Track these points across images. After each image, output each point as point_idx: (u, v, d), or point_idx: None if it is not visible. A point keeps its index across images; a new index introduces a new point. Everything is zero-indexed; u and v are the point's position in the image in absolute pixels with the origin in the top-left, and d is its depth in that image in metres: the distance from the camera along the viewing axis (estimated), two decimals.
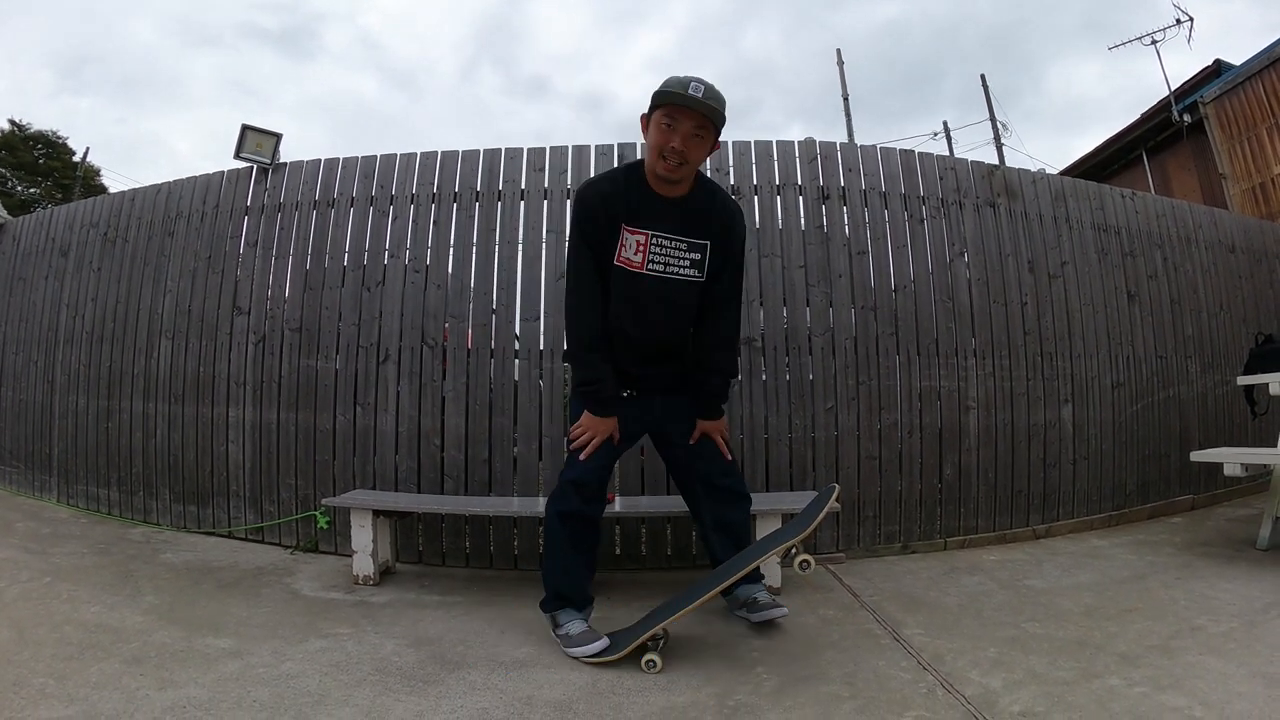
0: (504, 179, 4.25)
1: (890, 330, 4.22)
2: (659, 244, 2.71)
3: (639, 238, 2.69)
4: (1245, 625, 2.74)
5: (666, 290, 2.75)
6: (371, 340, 4.17)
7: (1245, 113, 9.12)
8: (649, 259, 2.71)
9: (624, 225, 2.68)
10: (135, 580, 3.45)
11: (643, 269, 2.71)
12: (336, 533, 4.04)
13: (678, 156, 2.60)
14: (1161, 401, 5.04)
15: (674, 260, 2.74)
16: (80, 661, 2.46)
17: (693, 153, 2.62)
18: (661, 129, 2.59)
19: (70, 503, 5.01)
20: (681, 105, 2.54)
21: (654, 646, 2.53)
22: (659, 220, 2.71)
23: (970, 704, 2.16)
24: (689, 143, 2.59)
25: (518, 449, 4.02)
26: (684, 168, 2.65)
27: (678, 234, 2.73)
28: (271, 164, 4.52)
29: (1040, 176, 4.92)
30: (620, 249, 2.70)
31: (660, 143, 2.60)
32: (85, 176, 26.09)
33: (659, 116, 2.59)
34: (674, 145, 2.58)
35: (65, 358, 5.17)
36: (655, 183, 2.71)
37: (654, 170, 2.67)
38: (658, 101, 2.58)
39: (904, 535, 4.12)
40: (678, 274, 2.75)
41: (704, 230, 2.76)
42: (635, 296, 2.74)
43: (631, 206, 2.69)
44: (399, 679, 2.40)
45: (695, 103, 2.52)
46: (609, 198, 2.70)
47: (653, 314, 2.77)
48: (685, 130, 2.57)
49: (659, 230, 2.71)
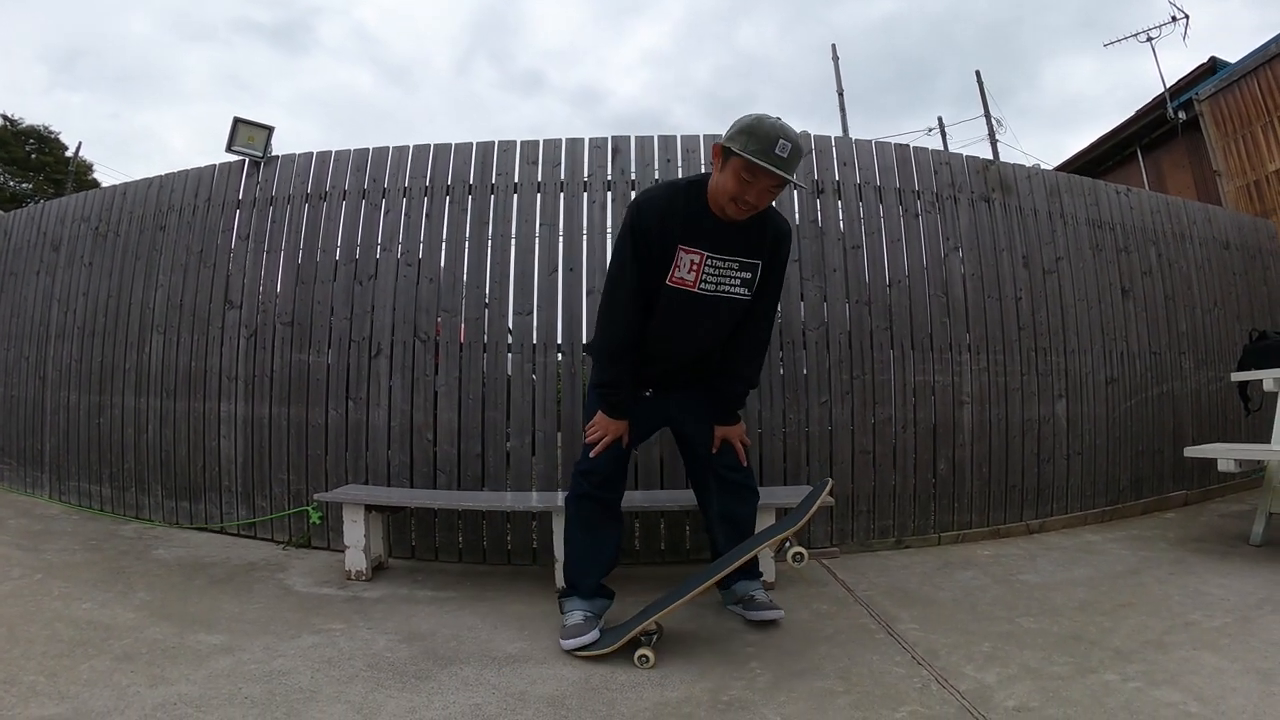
0: (497, 172, 4.23)
1: (884, 325, 4.21)
2: (713, 264, 2.67)
3: (694, 257, 2.64)
4: (1239, 620, 2.74)
5: (716, 309, 2.73)
6: (364, 334, 4.15)
7: (1240, 110, 9.11)
8: (702, 279, 2.67)
9: (680, 245, 2.63)
10: (127, 577, 3.43)
11: (695, 288, 2.67)
12: (329, 528, 4.02)
13: (750, 207, 2.55)
14: (1155, 397, 5.04)
15: (725, 280, 2.70)
16: (71, 659, 2.44)
17: (764, 202, 2.58)
18: (740, 179, 2.49)
19: (62, 499, 4.99)
20: (762, 168, 2.44)
21: (647, 641, 2.52)
22: (714, 240, 2.66)
23: (965, 699, 2.15)
24: (762, 195, 2.54)
25: (510, 443, 4.01)
26: (751, 213, 2.60)
27: (732, 254, 2.68)
28: (263, 157, 4.50)
29: (1035, 172, 4.91)
30: (674, 269, 2.64)
31: (736, 192, 2.52)
32: (78, 172, 25.99)
33: (739, 166, 2.48)
34: (749, 199, 2.53)
35: (57, 353, 5.14)
36: (717, 211, 2.63)
37: (721, 207, 2.59)
38: (742, 148, 2.46)
39: (898, 530, 4.12)
40: (729, 293, 2.72)
41: (757, 250, 2.72)
42: (685, 315, 2.72)
43: (689, 225, 2.64)
44: (391, 675, 2.39)
45: (781, 166, 2.44)
46: (667, 216, 2.63)
47: (700, 331, 2.77)
48: (763, 185, 2.50)
49: (714, 251, 2.66)
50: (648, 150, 4.22)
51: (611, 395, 2.76)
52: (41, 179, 25.61)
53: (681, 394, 2.95)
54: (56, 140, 26.88)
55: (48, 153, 26.34)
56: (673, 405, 2.96)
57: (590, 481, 2.81)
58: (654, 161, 4.18)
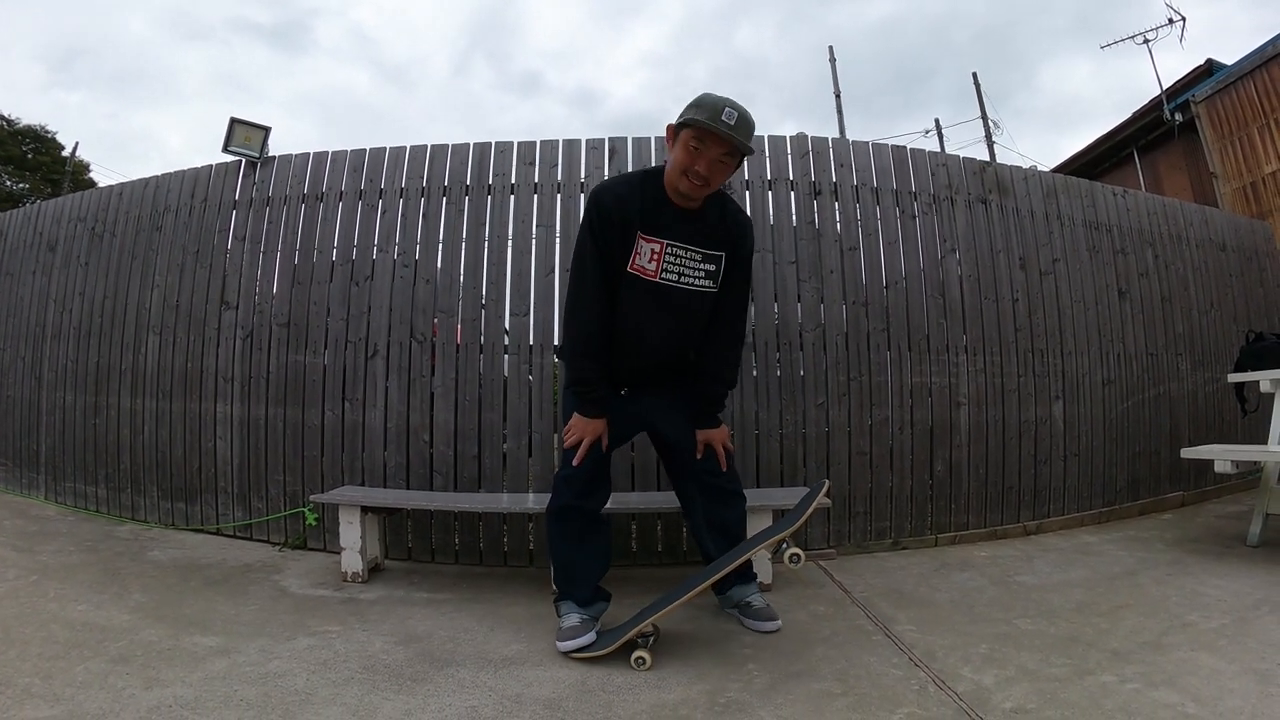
0: (494, 173, 4.23)
1: (881, 326, 4.21)
2: (674, 254, 2.67)
3: (654, 246, 2.65)
4: (1236, 621, 2.74)
5: (680, 300, 2.71)
6: (360, 335, 4.14)
7: (1237, 112, 9.13)
8: (663, 268, 2.66)
9: (640, 233, 2.63)
10: (122, 578, 3.42)
11: (657, 278, 2.67)
12: (325, 529, 4.01)
13: (701, 179, 2.57)
14: (1152, 398, 5.04)
15: (688, 270, 2.70)
16: (66, 660, 2.43)
17: (716, 177, 2.60)
18: (689, 149, 2.54)
19: (58, 500, 4.97)
20: (712, 132, 2.49)
21: (643, 643, 2.52)
22: (674, 230, 2.67)
23: (962, 701, 2.15)
24: (713, 167, 2.56)
25: (507, 444, 4.00)
26: (705, 189, 2.61)
27: (693, 244, 2.69)
28: (260, 158, 4.50)
29: (1032, 173, 4.92)
30: (635, 256, 2.64)
31: (686, 163, 2.56)
32: (75, 171, 25.93)
33: (687, 136, 2.54)
34: (699, 169, 2.55)
35: (52, 353, 5.12)
36: (673, 194, 2.65)
37: (674, 185, 2.62)
38: (688, 120, 2.52)
39: (895, 531, 4.12)
40: (692, 284, 2.71)
41: (719, 242, 2.73)
42: (648, 305, 2.70)
43: (647, 214, 2.64)
44: (387, 677, 2.38)
45: (726, 133, 2.49)
46: (625, 201, 2.64)
47: (665, 323, 2.74)
48: (712, 155, 2.54)
49: (674, 240, 2.67)
50: (644, 151, 4.21)
51: (586, 392, 2.72)
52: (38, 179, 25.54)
53: (656, 396, 2.91)
54: (53, 140, 26.81)
55: (44, 152, 26.26)
56: (646, 406, 2.91)
57: (572, 489, 2.77)
58: (650, 163, 4.17)
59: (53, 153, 26.48)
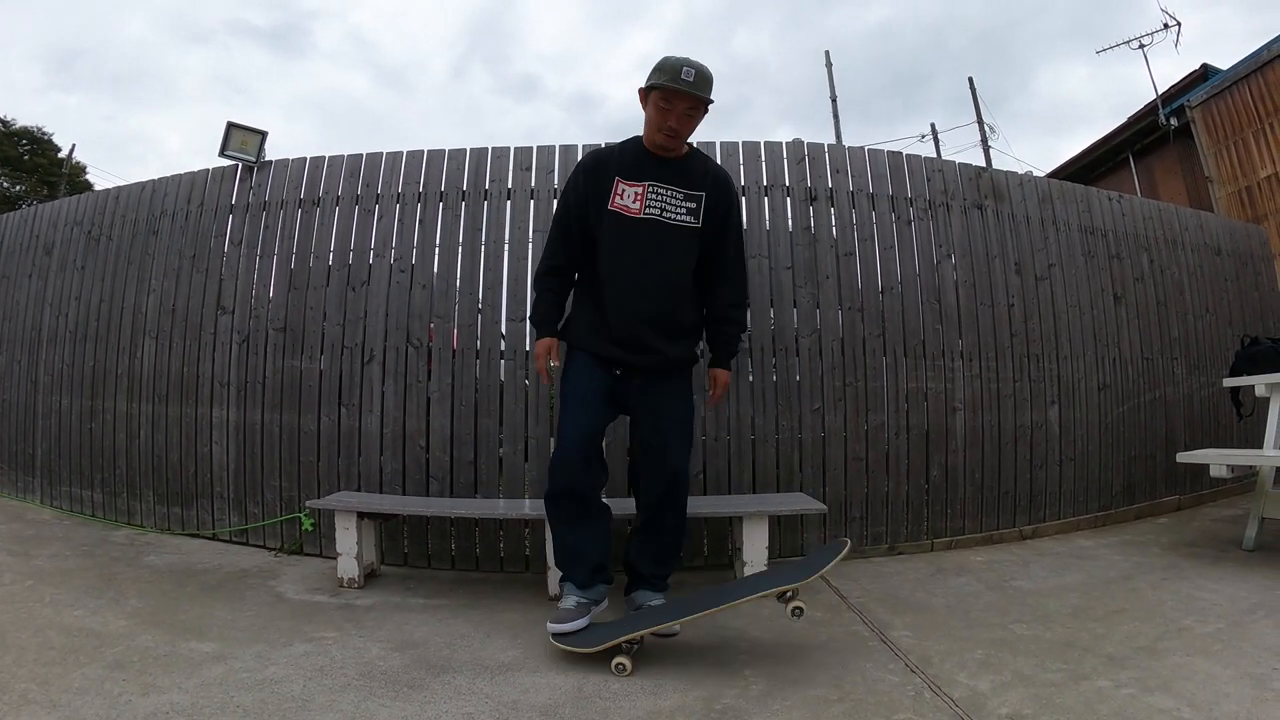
0: (490, 178, 4.23)
1: (877, 331, 4.22)
2: (656, 192, 2.91)
3: (636, 189, 2.91)
4: (1232, 626, 2.75)
5: (664, 235, 2.91)
6: (356, 340, 4.14)
7: (1232, 117, 9.17)
8: (646, 205, 2.90)
9: (619, 179, 2.92)
10: (119, 583, 3.42)
11: (639, 213, 2.89)
12: (321, 535, 4.01)
13: (673, 131, 2.88)
14: (1148, 403, 5.05)
15: (670, 206, 2.92)
16: (63, 666, 2.43)
17: (686, 127, 2.90)
18: (659, 108, 2.85)
19: (54, 504, 4.97)
20: (674, 91, 2.79)
21: (627, 649, 2.52)
22: (656, 174, 2.93)
23: (958, 706, 2.16)
24: (683, 120, 2.86)
25: (503, 450, 4.00)
26: (678, 139, 2.92)
27: (674, 185, 2.94)
28: (257, 162, 4.49)
29: (1028, 179, 4.92)
30: (615, 196, 2.90)
31: (659, 121, 2.87)
32: (71, 173, 25.89)
33: (656, 97, 2.85)
34: (670, 124, 2.85)
35: (49, 357, 5.12)
36: (652, 148, 2.96)
37: (652, 140, 2.94)
38: (654, 84, 2.83)
39: (891, 536, 4.12)
40: (675, 219, 2.92)
41: (698, 183, 2.98)
42: (631, 244, 2.89)
43: (628, 166, 2.95)
44: (384, 684, 2.38)
45: (688, 88, 2.79)
46: (604, 159, 3.02)
47: (650, 260, 2.89)
48: (680, 110, 2.84)
49: (656, 181, 2.92)
50: None
51: (535, 315, 3.07)
52: (35, 180, 25.49)
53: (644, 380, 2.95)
54: (50, 141, 26.73)
55: (41, 154, 26.19)
56: (635, 387, 2.95)
57: (565, 473, 2.85)
58: None
59: (49, 154, 26.42)
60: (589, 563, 2.84)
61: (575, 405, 2.92)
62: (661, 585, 3.00)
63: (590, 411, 2.90)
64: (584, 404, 2.90)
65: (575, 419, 2.89)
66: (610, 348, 2.90)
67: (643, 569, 2.98)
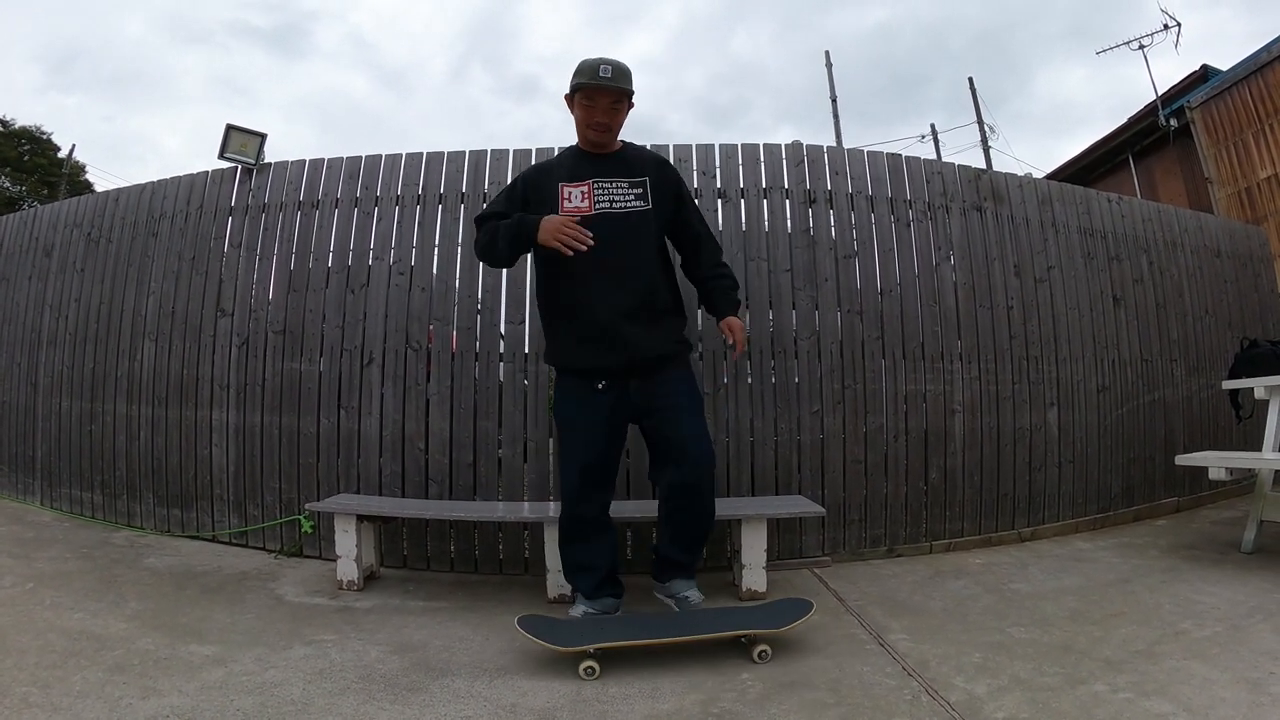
0: (489, 181, 4.23)
1: (876, 334, 4.22)
2: (601, 188, 3.03)
3: (581, 188, 3.02)
4: (1230, 629, 2.76)
5: (621, 225, 2.99)
6: (355, 343, 4.15)
7: (1231, 118, 9.17)
8: (595, 201, 3.00)
9: (563, 184, 3.03)
10: (119, 586, 3.42)
11: (591, 210, 2.98)
12: (321, 537, 4.01)
13: (603, 126, 3.04)
14: (1147, 405, 5.06)
15: (619, 196, 3.03)
16: (63, 669, 2.44)
17: (614, 120, 3.05)
18: (584, 107, 3.01)
19: (54, 506, 4.97)
20: (595, 88, 2.96)
21: (597, 654, 2.53)
22: (597, 171, 3.06)
23: (955, 710, 2.16)
24: (609, 113, 3.02)
25: (502, 452, 4.01)
26: (609, 133, 3.08)
27: (616, 176, 3.06)
28: (256, 164, 4.49)
29: (1027, 181, 4.93)
30: (562, 202, 3.00)
31: (586, 118, 3.03)
32: (71, 173, 25.90)
33: (580, 98, 3.00)
34: (597, 119, 3.02)
35: (48, 359, 5.12)
36: (587, 147, 3.13)
37: (586, 139, 3.10)
38: (576, 85, 2.99)
39: (889, 539, 4.13)
40: (626, 205, 3.03)
41: (639, 169, 3.11)
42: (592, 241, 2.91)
43: (567, 170, 3.08)
44: (383, 687, 2.39)
45: (606, 85, 2.95)
46: (544, 168, 3.20)
47: (613, 252, 2.93)
48: (604, 105, 3.00)
49: (599, 177, 3.04)
50: None
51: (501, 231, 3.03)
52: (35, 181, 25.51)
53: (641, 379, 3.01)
54: (49, 142, 26.78)
55: (40, 154, 26.22)
56: (634, 390, 3.00)
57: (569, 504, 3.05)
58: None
59: (49, 154, 26.45)
60: (596, 575, 3.02)
61: (571, 437, 3.07)
62: (693, 570, 3.16)
63: (588, 444, 3.00)
64: (580, 435, 3.02)
65: (573, 454, 3.03)
66: (593, 351, 2.96)
67: (676, 556, 3.12)
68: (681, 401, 3.03)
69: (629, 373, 2.97)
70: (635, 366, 2.97)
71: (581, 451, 3.00)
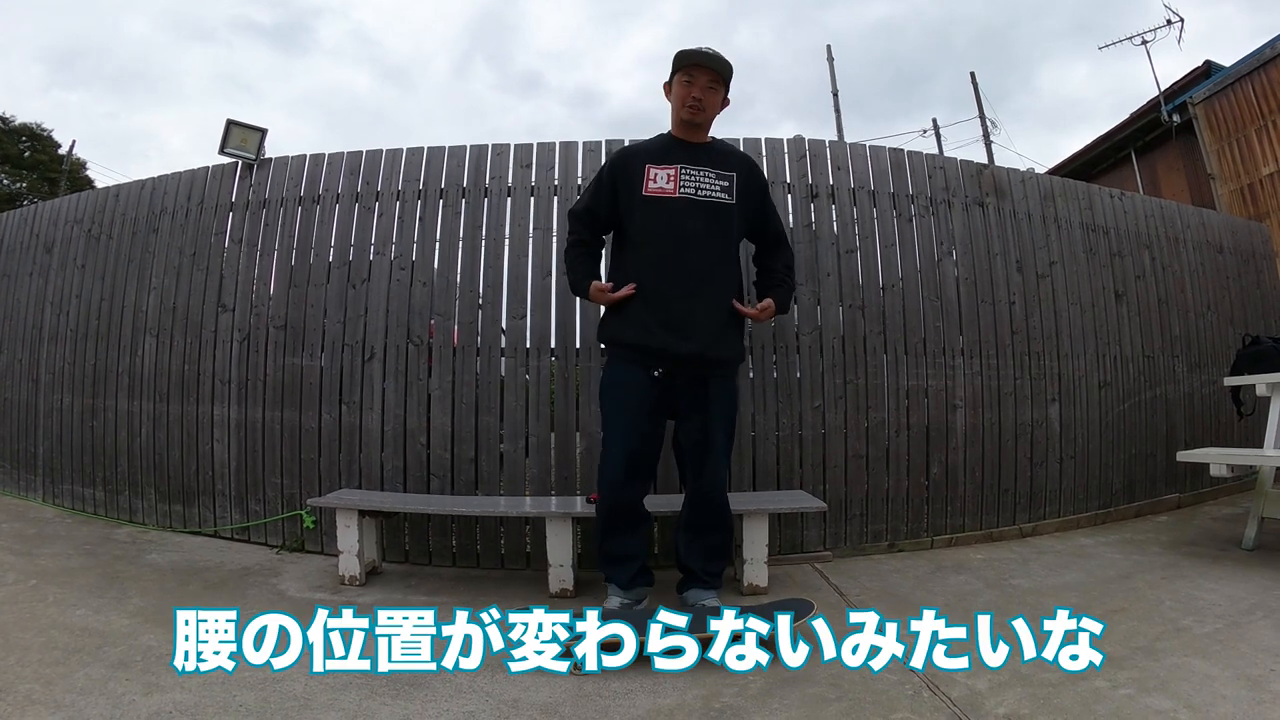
0: (490, 175, 4.23)
1: (878, 329, 4.22)
2: (688, 174, 3.03)
3: (669, 171, 3.03)
4: (1230, 626, 2.76)
5: (700, 212, 3.01)
6: (357, 338, 4.15)
7: (1235, 114, 9.14)
8: (680, 185, 3.01)
9: (650, 165, 3.04)
10: (121, 582, 3.43)
11: (675, 193, 3.00)
12: (322, 532, 4.01)
13: (698, 103, 3.03)
14: (1148, 401, 5.05)
15: (705, 185, 3.04)
16: (66, 666, 2.44)
17: (709, 100, 3.05)
18: (683, 84, 3.03)
19: (56, 502, 4.98)
20: (697, 64, 3.00)
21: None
22: (686, 157, 3.07)
23: (956, 705, 2.16)
24: (706, 92, 3.03)
25: (504, 447, 4.01)
26: (704, 113, 3.07)
27: (705, 165, 3.07)
28: (256, 159, 4.49)
29: (1029, 176, 4.92)
30: (647, 181, 3.02)
31: (684, 95, 3.04)
32: (72, 170, 25.86)
33: (679, 76, 3.04)
34: (695, 95, 3.02)
35: (50, 355, 5.12)
36: (681, 131, 3.13)
37: (680, 118, 3.10)
38: (677, 65, 3.04)
39: (891, 534, 4.13)
40: (710, 196, 3.03)
41: (728, 164, 3.12)
42: (668, 224, 2.99)
43: (657, 153, 3.09)
44: (385, 682, 2.38)
45: (708, 60, 3.00)
46: (633, 150, 3.21)
47: (690, 237, 2.98)
48: (702, 83, 3.02)
49: (687, 164, 3.05)
50: None
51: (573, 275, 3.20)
52: (36, 178, 25.46)
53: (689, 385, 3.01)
54: (49, 138, 26.70)
55: (41, 151, 26.15)
56: (682, 392, 3.02)
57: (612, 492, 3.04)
58: None
59: (49, 151, 26.38)
60: (632, 566, 3.06)
61: (618, 420, 3.05)
62: (715, 582, 3.12)
63: (635, 429, 3.00)
64: (629, 419, 3.01)
65: (620, 439, 3.02)
66: (654, 332, 2.95)
67: (693, 565, 3.11)
68: (721, 412, 3.07)
69: (688, 366, 2.98)
70: (695, 362, 2.97)
71: (630, 437, 3.00)
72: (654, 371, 2.97)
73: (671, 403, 3.04)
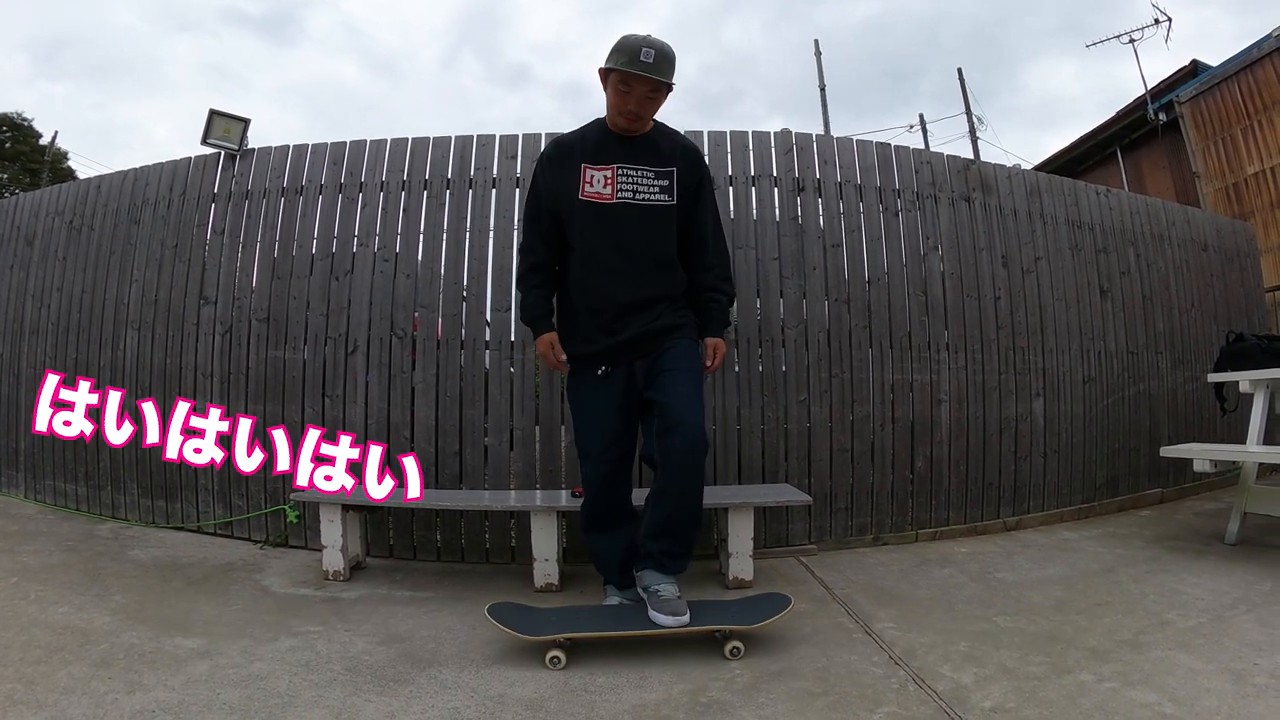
0: (475, 166, 4.20)
1: (863, 323, 4.22)
2: (625, 174, 2.85)
3: (605, 173, 2.84)
4: (1213, 620, 2.77)
5: (640, 217, 2.85)
6: (340, 331, 4.11)
7: (1220, 114, 9.20)
8: (618, 189, 2.83)
9: (585, 165, 2.85)
10: (103, 579, 3.39)
11: (612, 199, 2.83)
12: (306, 527, 3.99)
13: (634, 114, 2.81)
14: (1132, 396, 5.08)
15: (643, 187, 2.86)
16: (48, 665, 2.41)
17: (646, 110, 2.83)
18: (619, 92, 2.78)
19: (38, 498, 4.92)
20: (633, 76, 2.71)
21: (565, 644, 2.52)
22: (623, 155, 2.87)
23: (942, 699, 2.16)
24: (643, 102, 2.80)
25: (488, 440, 3.99)
26: (640, 122, 2.86)
27: (642, 164, 2.87)
28: (239, 150, 4.44)
29: (1015, 172, 4.94)
30: (584, 185, 2.83)
31: (619, 105, 2.80)
32: (54, 160, 25.58)
33: (615, 80, 2.77)
34: (630, 108, 2.79)
35: (31, 349, 5.05)
36: (616, 129, 2.90)
37: (615, 122, 2.88)
38: (613, 64, 2.74)
39: (875, 527, 4.14)
40: (649, 199, 2.85)
41: (668, 159, 2.91)
42: (606, 231, 2.84)
43: (591, 150, 2.88)
44: (370, 678, 2.38)
45: (647, 70, 2.70)
46: (568, 145, 2.95)
47: (629, 246, 2.84)
48: (640, 94, 2.77)
49: (624, 162, 2.86)
50: None
51: (525, 314, 3.02)
52: (17, 169, 25.16)
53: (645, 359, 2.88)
54: (30, 128, 26.38)
55: (22, 141, 25.82)
56: (639, 371, 2.89)
57: (590, 492, 3.03)
58: None
59: (30, 141, 26.07)
60: (620, 568, 3.00)
61: (586, 422, 3.00)
62: (672, 566, 2.79)
63: (599, 430, 2.95)
64: (589, 419, 2.98)
65: (584, 440, 3.01)
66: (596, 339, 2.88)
67: (651, 546, 2.79)
68: (680, 364, 2.83)
69: (631, 353, 2.87)
70: (635, 345, 2.86)
71: (590, 439, 2.97)
72: (598, 370, 2.90)
73: (635, 392, 2.90)
